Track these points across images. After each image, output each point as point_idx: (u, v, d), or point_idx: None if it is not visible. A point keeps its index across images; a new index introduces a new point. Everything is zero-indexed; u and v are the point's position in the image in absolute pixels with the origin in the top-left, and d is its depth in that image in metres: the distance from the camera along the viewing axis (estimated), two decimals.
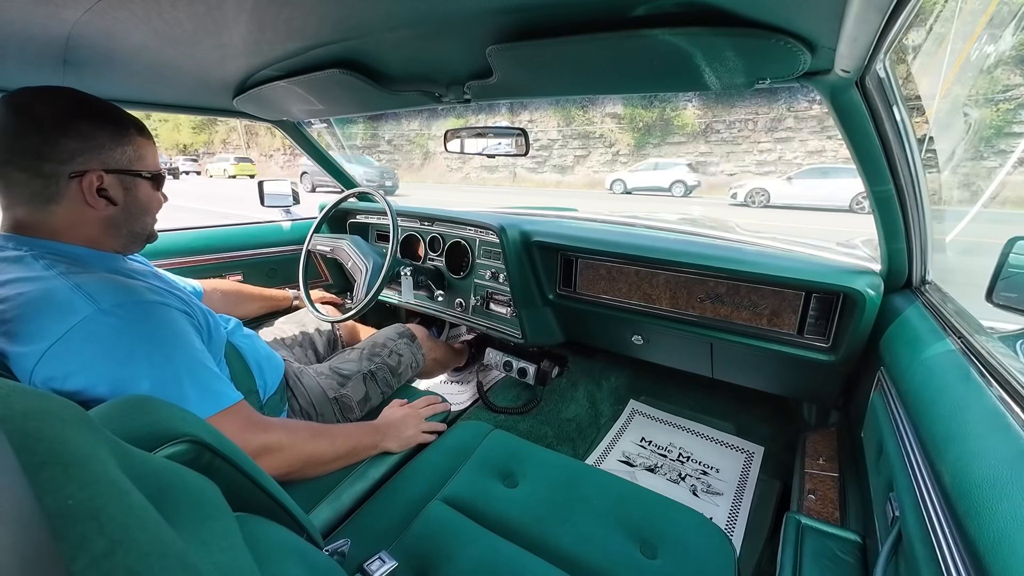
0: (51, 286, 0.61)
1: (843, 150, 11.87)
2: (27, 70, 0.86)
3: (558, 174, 18.80)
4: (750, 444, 1.51)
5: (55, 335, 0.58)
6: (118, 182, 0.70)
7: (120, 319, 0.63)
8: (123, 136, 0.70)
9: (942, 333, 0.73)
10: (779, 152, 14.91)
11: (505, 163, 19.46)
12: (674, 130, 16.66)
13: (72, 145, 0.65)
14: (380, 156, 21.76)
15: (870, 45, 0.55)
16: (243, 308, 1.35)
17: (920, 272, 0.94)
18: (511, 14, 0.60)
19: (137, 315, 0.65)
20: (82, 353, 0.59)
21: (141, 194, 0.74)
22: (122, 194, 0.71)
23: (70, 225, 0.68)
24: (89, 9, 0.61)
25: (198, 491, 0.39)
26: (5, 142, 0.63)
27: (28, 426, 0.26)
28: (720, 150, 15.92)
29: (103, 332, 0.61)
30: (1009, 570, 0.35)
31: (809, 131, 14.58)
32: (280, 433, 0.76)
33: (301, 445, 0.79)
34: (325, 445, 0.83)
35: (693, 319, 1.19)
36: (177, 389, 0.65)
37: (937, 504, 0.48)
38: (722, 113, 15.94)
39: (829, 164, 12.05)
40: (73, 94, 0.67)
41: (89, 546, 0.23)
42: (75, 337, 0.59)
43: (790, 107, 14.69)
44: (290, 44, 0.77)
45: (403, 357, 1.25)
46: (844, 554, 0.75)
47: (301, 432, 0.81)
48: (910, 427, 0.62)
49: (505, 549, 0.73)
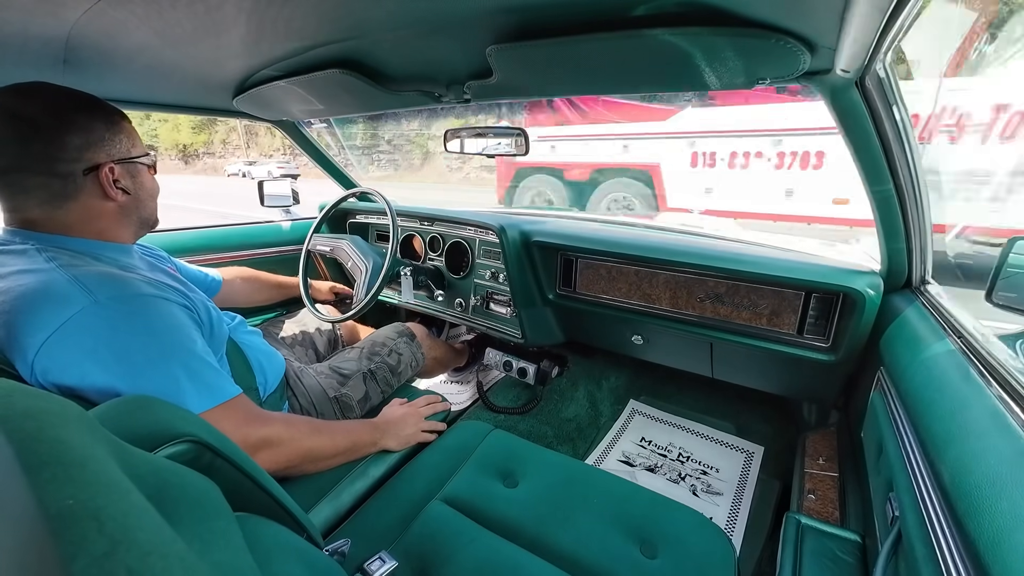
0: (50, 278, 0.61)
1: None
2: (27, 70, 0.86)
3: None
4: (750, 444, 1.51)
5: (52, 326, 0.58)
6: (125, 171, 0.72)
7: (116, 311, 0.62)
8: (115, 125, 0.71)
9: (942, 333, 0.73)
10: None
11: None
12: None
13: (76, 141, 0.65)
14: (380, 156, 21.70)
15: (870, 45, 0.55)
16: (262, 295, 1.40)
17: (920, 272, 0.94)
18: (511, 14, 0.60)
19: (133, 308, 0.65)
20: (78, 345, 0.59)
21: (145, 180, 0.75)
22: (131, 182, 0.73)
23: (83, 220, 0.69)
24: (89, 9, 0.61)
25: (198, 491, 0.39)
26: (10, 151, 0.62)
27: (28, 426, 0.26)
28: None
29: (98, 324, 0.61)
30: (1009, 569, 0.35)
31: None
32: (280, 427, 0.76)
33: (300, 440, 0.79)
34: (324, 441, 0.83)
35: (693, 319, 1.19)
36: (173, 383, 0.64)
37: (937, 503, 0.48)
38: None
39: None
40: (53, 89, 0.66)
41: (89, 546, 0.23)
42: (71, 329, 0.59)
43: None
44: (290, 44, 0.77)
45: (403, 356, 1.25)
46: (844, 554, 0.75)
47: (301, 427, 0.81)
48: (910, 427, 0.62)
49: (505, 549, 0.73)
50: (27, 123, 0.62)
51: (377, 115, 1.49)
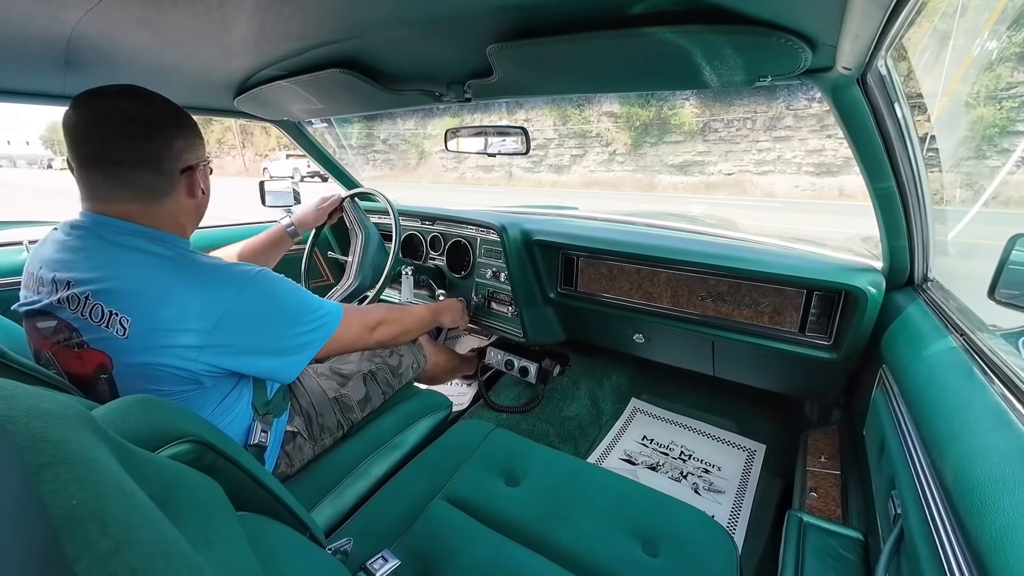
0: (204, 260, 0.69)
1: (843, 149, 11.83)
2: (28, 72, 0.86)
3: (554, 174, 18.44)
4: (752, 442, 1.51)
5: (214, 317, 0.65)
6: (205, 172, 0.78)
7: (259, 290, 0.70)
8: (198, 130, 0.76)
9: (944, 330, 0.73)
10: (778, 151, 14.83)
11: (501, 163, 19.15)
12: (671, 128, 16.44)
13: (179, 144, 0.71)
14: (375, 155, 21.65)
15: (872, 42, 0.55)
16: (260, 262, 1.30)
17: (922, 269, 0.94)
18: (511, 13, 0.60)
19: (266, 282, 0.73)
20: (241, 329, 0.68)
21: (207, 182, 0.81)
22: (206, 183, 0.79)
23: (172, 215, 0.73)
24: (90, 10, 0.61)
25: (201, 491, 0.39)
26: (124, 147, 0.66)
27: (32, 426, 0.26)
28: (718, 149, 15.79)
29: (256, 304, 0.69)
30: (1011, 567, 0.35)
31: (808, 130, 14.49)
32: (381, 310, 0.96)
33: (398, 315, 1.00)
34: (408, 317, 1.05)
35: (694, 317, 1.19)
36: (318, 326, 0.77)
37: (939, 501, 0.48)
38: (720, 112, 15.69)
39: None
40: (153, 94, 0.71)
41: (93, 546, 0.23)
42: (232, 317, 0.66)
43: (789, 105, 14.55)
44: (290, 44, 0.77)
45: (404, 358, 1.25)
46: (846, 552, 0.75)
47: (392, 309, 1.01)
48: (912, 424, 0.62)
49: (507, 548, 0.73)
50: (147, 124, 0.67)
51: (372, 115, 1.48)
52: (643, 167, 16.27)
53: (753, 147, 15.21)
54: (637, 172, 16.50)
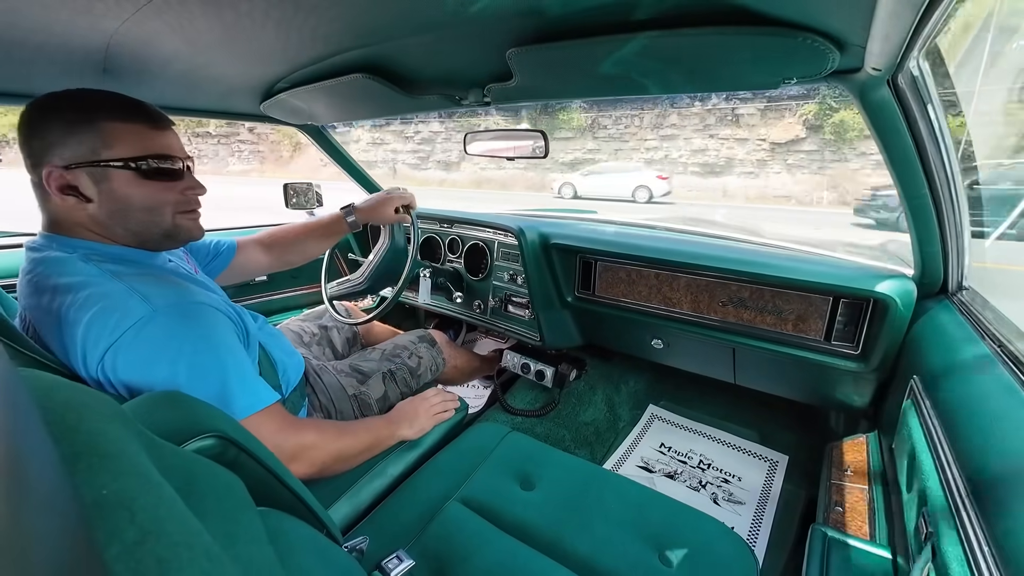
0: (106, 289, 0.63)
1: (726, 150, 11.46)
2: (71, 78, 0.91)
3: (443, 171, 17.36)
4: (774, 452, 1.47)
5: (112, 337, 0.60)
6: (86, 176, 0.64)
7: (172, 319, 0.65)
8: (84, 124, 0.63)
9: (980, 340, 0.70)
10: (665, 150, 14.29)
11: (385, 158, 18.00)
12: (559, 124, 15.64)
13: (36, 144, 0.64)
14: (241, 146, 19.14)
15: (903, 42, 0.53)
16: (295, 255, 1.21)
17: (957, 277, 0.90)
18: (532, 16, 0.61)
19: (189, 315, 0.67)
20: (137, 353, 0.61)
21: (117, 186, 0.65)
22: (93, 189, 0.64)
23: (71, 222, 0.67)
24: (127, 20, 0.64)
25: (224, 485, 0.40)
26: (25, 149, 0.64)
27: (68, 418, 0.28)
28: (608, 147, 15.15)
29: (157, 332, 0.63)
30: None
31: (692, 128, 13.90)
32: (312, 432, 0.79)
33: (331, 442, 0.81)
34: (351, 440, 0.85)
35: (715, 324, 1.17)
36: (222, 389, 0.67)
37: (974, 521, 0.46)
38: (608, 108, 14.97)
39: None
40: (47, 96, 0.65)
41: (121, 534, 0.23)
42: (130, 337, 0.61)
43: (673, 103, 13.87)
44: (315, 50, 0.79)
45: (423, 359, 1.27)
46: (873, 570, 0.72)
47: (329, 430, 0.83)
48: (946, 438, 0.59)
49: (521, 552, 0.73)
50: (22, 124, 0.65)
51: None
52: (534, 164, 15.60)
53: (642, 145, 14.74)
54: (528, 170, 15.88)
